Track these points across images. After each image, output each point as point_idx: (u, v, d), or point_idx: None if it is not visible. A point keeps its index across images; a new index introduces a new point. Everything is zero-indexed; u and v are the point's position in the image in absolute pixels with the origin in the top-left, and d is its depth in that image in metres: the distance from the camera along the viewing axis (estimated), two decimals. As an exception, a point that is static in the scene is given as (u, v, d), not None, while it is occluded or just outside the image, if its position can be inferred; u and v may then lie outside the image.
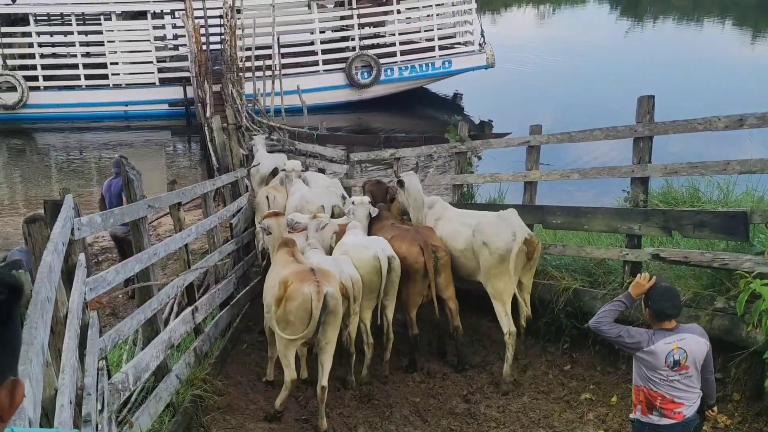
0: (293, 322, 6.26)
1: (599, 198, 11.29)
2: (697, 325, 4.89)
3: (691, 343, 4.51)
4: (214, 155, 15.22)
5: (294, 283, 6.27)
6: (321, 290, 6.18)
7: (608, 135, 7.43)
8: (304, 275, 6.34)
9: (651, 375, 4.56)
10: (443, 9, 26.82)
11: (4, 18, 24.18)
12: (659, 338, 4.51)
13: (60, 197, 4.87)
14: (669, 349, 4.47)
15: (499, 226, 7.47)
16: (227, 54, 23.26)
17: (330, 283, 6.35)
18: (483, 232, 7.56)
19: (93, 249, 12.51)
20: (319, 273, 6.38)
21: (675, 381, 4.53)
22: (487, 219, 7.73)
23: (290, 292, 6.26)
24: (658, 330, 4.56)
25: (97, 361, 4.21)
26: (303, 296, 6.19)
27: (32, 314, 2.43)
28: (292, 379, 6.46)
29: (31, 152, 23.41)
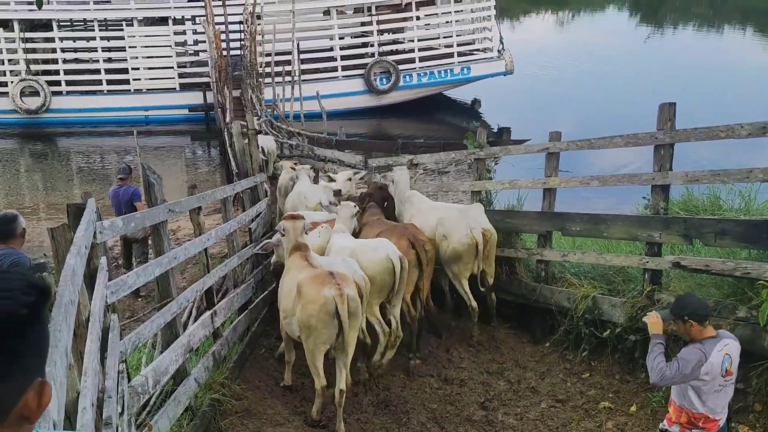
0: (316, 326, 6.26)
1: (619, 205, 11.21)
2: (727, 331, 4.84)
3: (733, 348, 4.48)
4: (234, 160, 15.28)
5: (313, 286, 6.28)
6: (343, 293, 6.19)
7: (629, 142, 7.39)
8: (323, 278, 6.35)
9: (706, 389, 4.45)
10: (462, 15, 26.83)
11: (27, 23, 24.49)
12: (711, 348, 4.42)
13: (82, 201, 4.91)
14: (722, 356, 4.42)
15: (458, 221, 8.24)
16: (247, 59, 23.39)
17: (349, 285, 6.35)
18: (444, 225, 8.35)
19: (113, 252, 12.60)
20: (338, 276, 6.39)
21: (723, 389, 4.47)
22: (450, 213, 8.51)
23: (310, 296, 6.27)
24: (706, 340, 4.47)
25: (118, 364, 4.23)
26: (324, 299, 6.19)
27: (56, 317, 2.46)
28: (323, 386, 6.48)
29: (53, 156, 23.66)
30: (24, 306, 1.22)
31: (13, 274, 1.28)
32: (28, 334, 1.23)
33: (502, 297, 8.78)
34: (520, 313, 8.73)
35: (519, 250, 8.67)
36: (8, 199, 19.30)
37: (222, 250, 10.53)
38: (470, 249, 8.12)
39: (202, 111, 24.66)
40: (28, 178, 21.79)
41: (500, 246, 8.89)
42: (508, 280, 8.73)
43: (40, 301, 1.26)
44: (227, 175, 17.65)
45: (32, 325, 1.24)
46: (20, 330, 1.21)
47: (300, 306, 6.37)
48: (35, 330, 1.25)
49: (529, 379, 7.53)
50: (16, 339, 1.21)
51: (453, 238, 8.18)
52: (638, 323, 6.78)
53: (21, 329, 1.21)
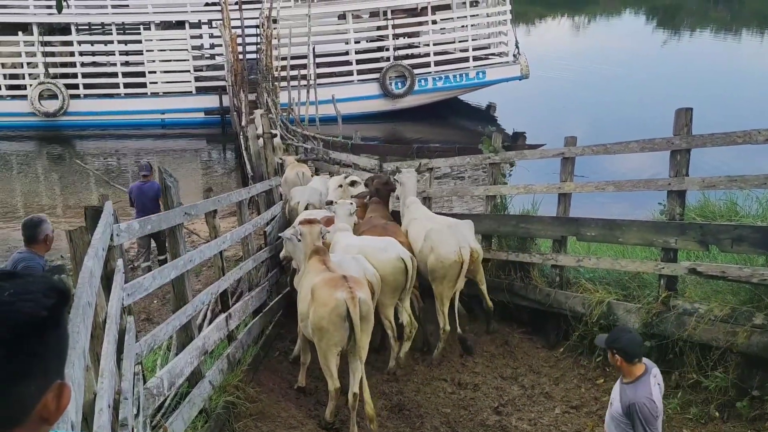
0: (327, 329, 6.30)
1: (634, 211, 11.17)
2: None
3: (660, 379, 4.39)
4: (249, 163, 15.38)
5: (326, 289, 6.34)
6: (355, 296, 6.22)
7: (644, 147, 7.37)
8: (335, 282, 6.41)
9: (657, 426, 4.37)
10: (478, 20, 26.83)
11: (46, 27, 24.72)
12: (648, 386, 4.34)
13: (99, 203, 4.95)
14: (658, 390, 4.36)
15: (447, 236, 8.02)
16: (263, 63, 23.49)
17: (361, 289, 6.39)
18: (432, 239, 8.08)
19: (129, 255, 12.68)
20: (351, 279, 6.43)
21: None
22: (439, 227, 8.27)
23: (322, 298, 6.33)
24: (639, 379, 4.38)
25: (134, 365, 4.27)
26: (336, 302, 6.24)
27: (74, 318, 2.49)
28: (336, 388, 6.50)
29: (71, 159, 23.85)
30: (44, 308, 1.23)
31: (34, 277, 1.30)
32: (48, 336, 1.25)
33: (516, 302, 8.77)
34: (535, 318, 8.71)
35: (533, 255, 8.65)
36: (26, 200, 19.47)
37: (237, 253, 10.58)
38: (455, 266, 7.88)
39: (218, 114, 24.80)
40: (45, 180, 21.98)
41: (515, 251, 8.89)
42: (522, 285, 8.71)
43: (60, 303, 1.28)
44: (242, 178, 17.74)
45: (52, 327, 1.25)
46: (41, 332, 1.23)
47: (312, 308, 6.40)
48: (55, 332, 1.27)
49: (543, 384, 7.51)
50: (37, 341, 1.22)
51: (440, 252, 7.92)
52: (654, 329, 6.76)
53: (41, 331, 1.23)
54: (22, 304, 1.21)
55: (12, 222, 17.15)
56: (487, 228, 9.37)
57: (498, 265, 9.13)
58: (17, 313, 1.20)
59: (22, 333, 1.20)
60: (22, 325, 1.20)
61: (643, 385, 4.35)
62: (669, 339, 6.60)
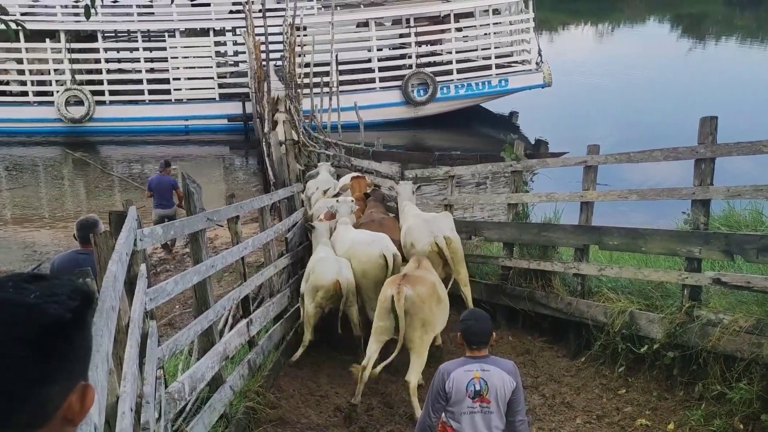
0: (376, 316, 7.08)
1: (657, 220, 11.07)
2: (511, 362, 4.57)
3: (495, 377, 4.29)
4: (271, 170, 15.45)
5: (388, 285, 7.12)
6: (401, 292, 6.82)
7: (668, 156, 7.30)
8: (393, 280, 7.19)
9: (453, 409, 4.33)
10: (501, 27, 26.80)
11: (73, 34, 25.05)
12: (458, 366, 4.33)
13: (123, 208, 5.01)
14: (470, 377, 4.28)
15: (422, 230, 8.54)
16: (286, 70, 23.62)
17: (414, 286, 6.96)
18: (411, 234, 8.63)
19: (151, 260, 12.80)
20: (408, 278, 7.09)
21: (476, 414, 4.30)
22: (416, 222, 8.79)
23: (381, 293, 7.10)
24: (463, 358, 4.39)
25: (156, 370, 4.30)
26: (384, 297, 6.98)
27: (98, 322, 2.51)
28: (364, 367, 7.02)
29: (95, 164, 24.12)
30: (69, 310, 1.25)
31: (59, 279, 1.32)
32: (72, 338, 1.26)
33: (537, 311, 8.73)
34: (556, 327, 8.66)
35: (555, 264, 8.61)
36: (51, 205, 19.71)
37: (258, 258, 10.63)
38: (433, 255, 8.28)
39: (241, 121, 24.96)
40: (71, 185, 22.24)
41: (536, 259, 8.85)
42: (543, 293, 8.67)
43: (84, 306, 1.29)
44: (264, 184, 17.83)
45: (77, 329, 1.27)
46: (66, 334, 1.25)
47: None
48: (80, 334, 1.29)
49: (564, 393, 7.46)
50: (62, 342, 1.24)
51: (417, 246, 8.43)
52: (677, 339, 6.69)
53: (67, 333, 1.25)
54: (47, 306, 1.23)
55: (38, 225, 17.38)
56: (509, 236, 9.35)
57: (519, 273, 9.09)
58: (43, 315, 1.22)
59: (48, 334, 1.22)
60: (48, 327, 1.22)
61: (460, 362, 4.38)
62: (692, 350, 6.53)
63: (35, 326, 1.21)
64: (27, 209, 19.07)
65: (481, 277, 9.68)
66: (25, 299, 1.22)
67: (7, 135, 24.78)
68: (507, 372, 4.34)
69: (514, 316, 9.12)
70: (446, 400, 4.34)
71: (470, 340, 4.39)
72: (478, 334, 4.39)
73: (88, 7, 5.64)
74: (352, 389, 7.55)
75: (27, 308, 1.21)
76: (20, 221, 17.85)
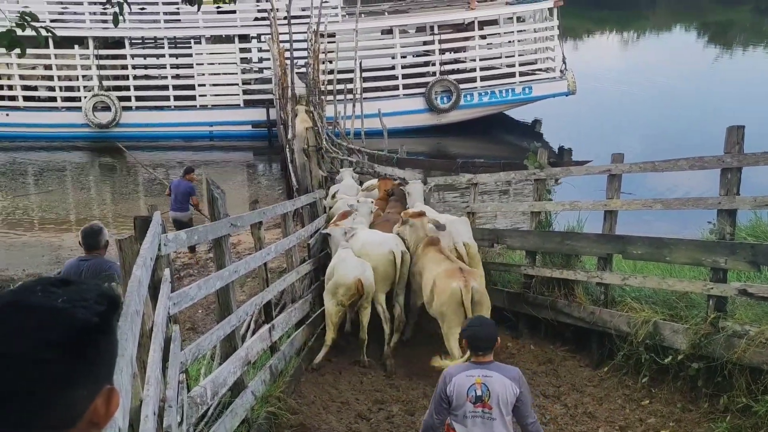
0: (446, 313, 7.50)
1: (682, 229, 10.97)
2: (516, 369, 4.58)
3: (496, 383, 4.28)
4: (294, 176, 15.52)
5: (444, 280, 7.60)
6: (468, 284, 7.36)
7: (694, 165, 7.24)
8: (453, 272, 7.62)
9: (458, 412, 4.36)
10: (525, 35, 26.72)
11: (101, 41, 25.37)
12: (461, 371, 4.37)
13: (148, 213, 5.06)
14: (471, 382, 4.29)
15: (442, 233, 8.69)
16: (310, 77, 23.72)
17: (476, 279, 7.56)
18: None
19: (175, 264, 12.90)
20: (466, 271, 7.64)
21: (477, 419, 4.30)
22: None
23: (441, 287, 7.59)
24: (467, 363, 4.44)
25: (179, 374, 4.33)
26: (452, 290, 7.41)
27: (123, 326, 2.54)
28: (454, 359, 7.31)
29: (121, 169, 24.37)
30: (96, 315, 1.27)
31: (86, 284, 1.34)
32: (99, 342, 1.28)
33: (560, 319, 8.67)
34: (578, 336, 8.60)
35: (578, 273, 8.55)
36: (77, 209, 19.95)
37: (281, 264, 10.67)
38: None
39: (265, 127, 25.09)
40: (97, 190, 22.48)
41: (559, 267, 8.80)
42: (566, 302, 8.61)
43: (110, 310, 1.31)
44: (287, 190, 17.91)
45: (103, 333, 1.29)
46: (93, 338, 1.27)
47: (435, 297, 7.69)
48: (106, 338, 1.31)
49: (586, 404, 7.39)
50: (89, 346, 1.26)
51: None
52: (702, 351, 6.61)
53: (93, 337, 1.27)
54: (75, 310, 1.25)
55: (64, 229, 17.59)
56: (532, 244, 9.31)
57: (542, 281, 9.05)
58: (71, 319, 1.24)
59: (76, 338, 1.24)
60: (76, 331, 1.24)
61: (463, 367, 4.43)
62: (718, 361, 6.45)
63: (64, 330, 1.23)
64: (53, 213, 19.31)
65: (503, 285, 9.64)
66: (53, 303, 1.25)
67: (36, 140, 25.12)
68: (510, 378, 4.36)
69: (536, 325, 9.07)
70: (449, 403, 4.38)
71: (475, 346, 4.44)
72: (483, 339, 4.43)
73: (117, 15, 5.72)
74: (373, 396, 7.57)
75: (56, 312, 1.24)
76: (47, 225, 18.09)
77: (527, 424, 4.39)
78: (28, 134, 25.05)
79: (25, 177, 23.29)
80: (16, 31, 5.85)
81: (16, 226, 18.13)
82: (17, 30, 5.97)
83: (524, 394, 4.37)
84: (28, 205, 20.17)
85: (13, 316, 1.23)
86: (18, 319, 1.22)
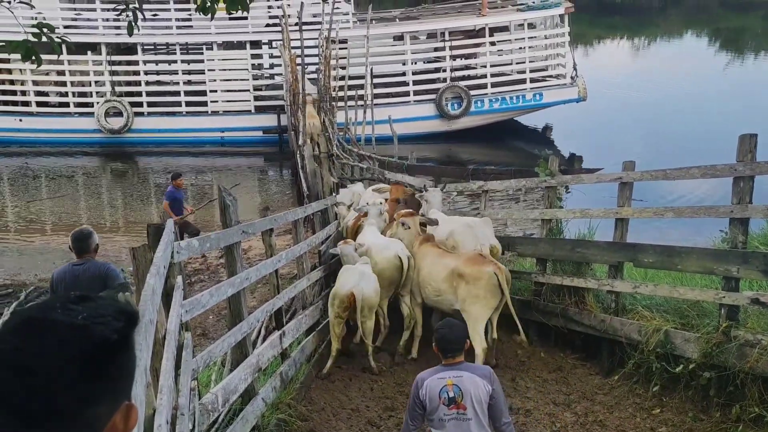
0: (484, 296, 7.87)
1: (694, 237, 10.93)
2: (487, 367, 4.64)
3: (467, 382, 4.28)
4: (305, 182, 15.57)
5: (474, 266, 7.97)
6: (501, 267, 7.93)
7: (706, 173, 7.22)
8: (477, 259, 8.08)
9: (432, 417, 4.36)
10: (536, 42, 26.71)
11: (114, 47, 25.52)
12: (433, 374, 4.37)
13: (160, 220, 5.08)
14: (442, 384, 4.30)
15: (466, 234, 8.83)
16: (321, 83, 23.79)
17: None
18: (454, 238, 8.89)
19: (186, 270, 12.94)
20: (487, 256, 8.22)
21: (452, 421, 4.29)
22: (459, 226, 9.07)
23: (474, 274, 7.90)
24: (438, 367, 4.44)
25: (190, 381, 4.35)
26: (488, 275, 7.81)
27: (137, 336, 2.56)
28: (484, 348, 7.81)
29: (133, 175, 24.50)
30: (115, 331, 1.28)
31: (104, 299, 1.35)
32: (118, 358, 1.29)
33: (570, 327, 8.65)
34: (589, 344, 8.57)
35: (589, 280, 8.53)
36: (90, 214, 20.05)
37: (291, 270, 10.69)
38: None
39: (276, 133, 25.17)
40: (108, 195, 22.60)
41: (569, 275, 8.78)
42: (576, 310, 8.59)
43: (129, 326, 1.33)
44: (298, 196, 17.95)
45: (122, 350, 1.30)
46: (111, 355, 1.28)
47: (463, 284, 7.94)
48: (124, 355, 1.31)
49: (597, 412, 7.37)
50: (108, 363, 1.27)
51: (461, 250, 8.65)
52: (713, 360, 6.58)
53: (112, 354, 1.28)
54: (95, 327, 1.26)
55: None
56: (542, 252, 9.29)
57: (552, 289, 9.03)
58: (91, 336, 1.25)
59: (95, 355, 1.25)
60: (95, 348, 1.25)
61: (434, 370, 4.43)
62: (730, 371, 6.42)
63: (84, 347, 1.24)
64: (65, 218, 19.42)
65: (513, 293, 9.62)
66: (73, 321, 1.26)
67: (48, 145, 25.28)
68: (481, 376, 4.36)
69: (546, 333, 9.05)
70: (423, 408, 4.40)
71: (445, 348, 4.46)
72: (452, 341, 4.45)
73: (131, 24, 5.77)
74: (383, 403, 7.56)
75: (75, 330, 1.25)
76: (59, 230, 18.19)
77: (502, 425, 4.38)
78: (40, 139, 25.22)
79: (38, 182, 23.45)
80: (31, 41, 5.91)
81: (28, 231, 18.24)
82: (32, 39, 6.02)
83: (497, 391, 4.38)
84: (40, 210, 20.29)
85: (34, 334, 1.24)
86: (39, 337, 1.23)
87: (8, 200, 21.42)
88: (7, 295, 12.26)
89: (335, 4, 23.84)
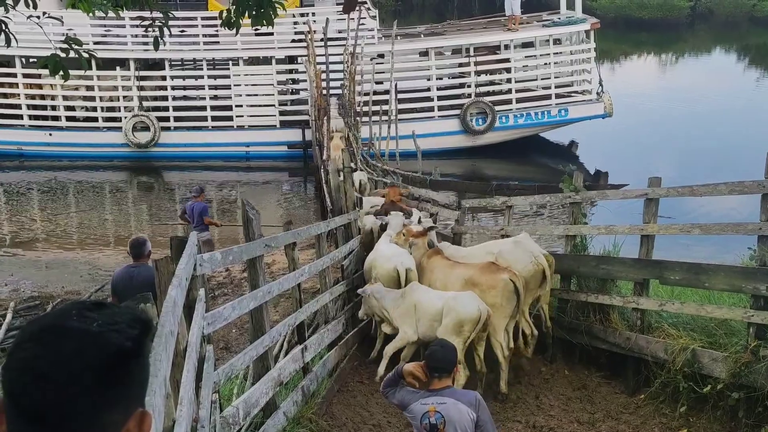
0: (501, 304, 7.85)
1: (721, 255, 10.77)
2: (474, 393, 4.51)
3: (450, 409, 4.18)
4: (329, 197, 15.57)
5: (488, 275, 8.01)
6: (516, 273, 7.95)
7: (734, 190, 7.13)
8: (491, 267, 8.14)
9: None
10: (561, 57, 26.62)
11: (142, 62, 25.87)
12: (419, 398, 4.28)
13: (184, 233, 5.11)
14: (425, 410, 4.20)
15: (517, 251, 8.70)
16: (345, 98, 23.89)
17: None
18: (505, 258, 8.64)
19: (210, 284, 13.00)
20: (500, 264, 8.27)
21: None
22: (506, 247, 8.93)
23: (489, 282, 7.93)
24: (427, 390, 4.32)
25: (211, 394, 4.35)
26: (504, 281, 7.86)
27: (157, 347, 2.57)
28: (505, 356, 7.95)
29: (159, 188, 24.71)
30: (129, 339, 1.29)
31: (119, 307, 1.36)
32: (132, 365, 1.30)
33: (595, 345, 8.55)
34: (614, 362, 8.46)
35: (614, 297, 8.44)
36: (116, 227, 20.25)
37: (314, 285, 10.69)
38: (536, 275, 8.55)
39: (301, 148, 25.28)
40: (135, 209, 22.82)
41: (594, 292, 8.69)
42: (601, 327, 8.49)
43: (143, 334, 1.33)
44: (322, 211, 17.98)
45: (136, 357, 1.31)
46: (126, 362, 1.28)
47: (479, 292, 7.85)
48: (138, 362, 1.32)
49: (622, 431, 7.26)
50: (122, 370, 1.28)
51: (518, 267, 8.41)
52: (742, 380, 6.46)
53: (126, 361, 1.29)
54: (110, 335, 1.27)
55: (101, 247, 17.87)
56: (567, 268, 9.21)
57: (577, 306, 8.94)
58: (106, 343, 1.26)
59: (109, 363, 1.26)
60: (110, 355, 1.26)
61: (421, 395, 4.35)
62: (759, 391, 6.30)
63: (99, 354, 1.25)
64: (92, 231, 19.63)
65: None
66: (89, 328, 1.27)
67: (77, 159, 25.61)
68: (465, 403, 4.28)
69: (570, 350, 8.95)
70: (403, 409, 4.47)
71: (432, 367, 4.37)
72: (440, 360, 4.37)
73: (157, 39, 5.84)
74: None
75: (91, 337, 1.26)
76: (86, 243, 18.39)
77: None
78: (69, 153, 25.55)
79: (66, 195, 23.74)
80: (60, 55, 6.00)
81: (56, 243, 18.45)
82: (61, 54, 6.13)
83: (482, 419, 4.30)
84: (68, 223, 20.53)
85: (51, 341, 1.25)
86: (55, 344, 1.24)
87: (37, 213, 21.70)
88: (34, 306, 12.39)
89: (360, 20, 23.97)
